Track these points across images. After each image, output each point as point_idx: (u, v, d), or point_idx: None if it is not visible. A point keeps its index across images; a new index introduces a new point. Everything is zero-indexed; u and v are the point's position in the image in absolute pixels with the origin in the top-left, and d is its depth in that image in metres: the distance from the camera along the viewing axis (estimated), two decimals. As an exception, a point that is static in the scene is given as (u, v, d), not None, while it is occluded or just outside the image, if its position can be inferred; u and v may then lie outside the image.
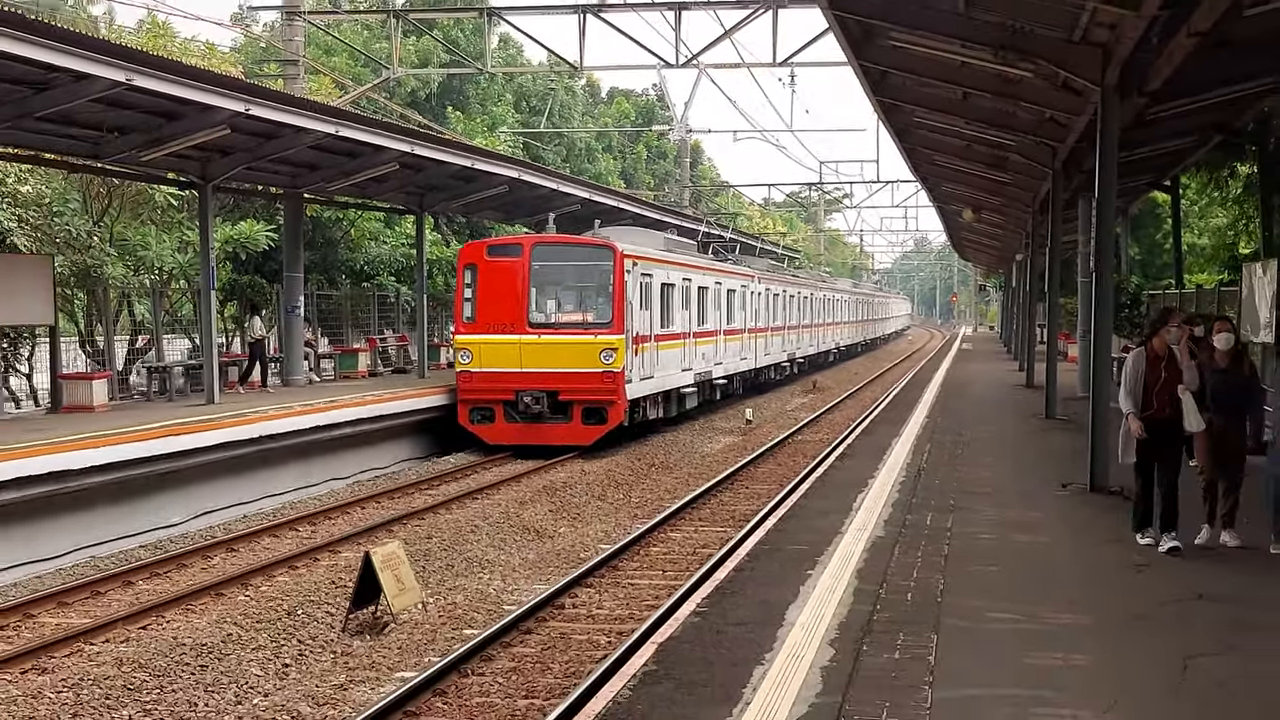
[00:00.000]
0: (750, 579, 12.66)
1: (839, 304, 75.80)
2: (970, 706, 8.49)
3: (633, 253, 30.02)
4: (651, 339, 31.51)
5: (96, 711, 11.42)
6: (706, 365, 38.44)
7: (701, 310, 37.96)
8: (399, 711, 11.30)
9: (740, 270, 45.60)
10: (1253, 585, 12.14)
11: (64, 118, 20.09)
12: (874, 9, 18.55)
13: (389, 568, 14.72)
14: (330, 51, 55.16)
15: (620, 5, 29.84)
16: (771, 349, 50.74)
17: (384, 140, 26.72)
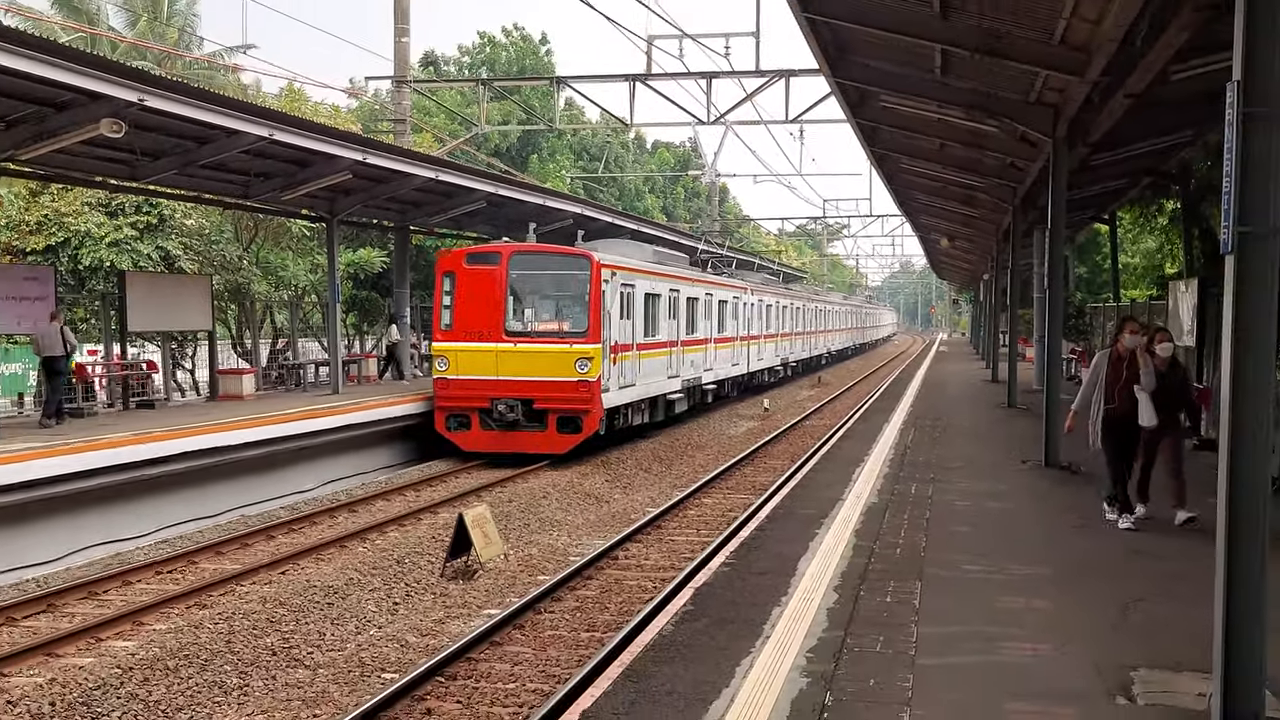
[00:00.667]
0: (769, 537, 12.60)
1: (830, 313, 71.06)
2: (949, 641, 8.41)
3: (612, 263, 25.37)
4: (633, 348, 26.66)
5: (246, 638, 11.48)
6: (696, 371, 33.33)
7: (691, 319, 32.74)
8: (486, 642, 11.32)
9: (732, 283, 39.88)
10: (1180, 545, 11.99)
11: (220, 165, 20.21)
12: (868, 77, 18.50)
13: (478, 526, 14.76)
14: (430, 112, 55.35)
15: (662, 75, 29.77)
16: (764, 354, 45.41)
17: (473, 183, 26.79)
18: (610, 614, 12.50)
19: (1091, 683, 7.49)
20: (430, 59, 69.65)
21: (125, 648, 11.08)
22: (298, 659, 11.03)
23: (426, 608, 13.02)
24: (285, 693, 10.05)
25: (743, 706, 7.00)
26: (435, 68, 68.85)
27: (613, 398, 24.87)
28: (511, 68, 69.68)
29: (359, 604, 12.99)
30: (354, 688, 10.14)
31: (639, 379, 26.95)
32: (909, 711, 6.90)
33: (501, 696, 9.81)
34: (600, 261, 24.30)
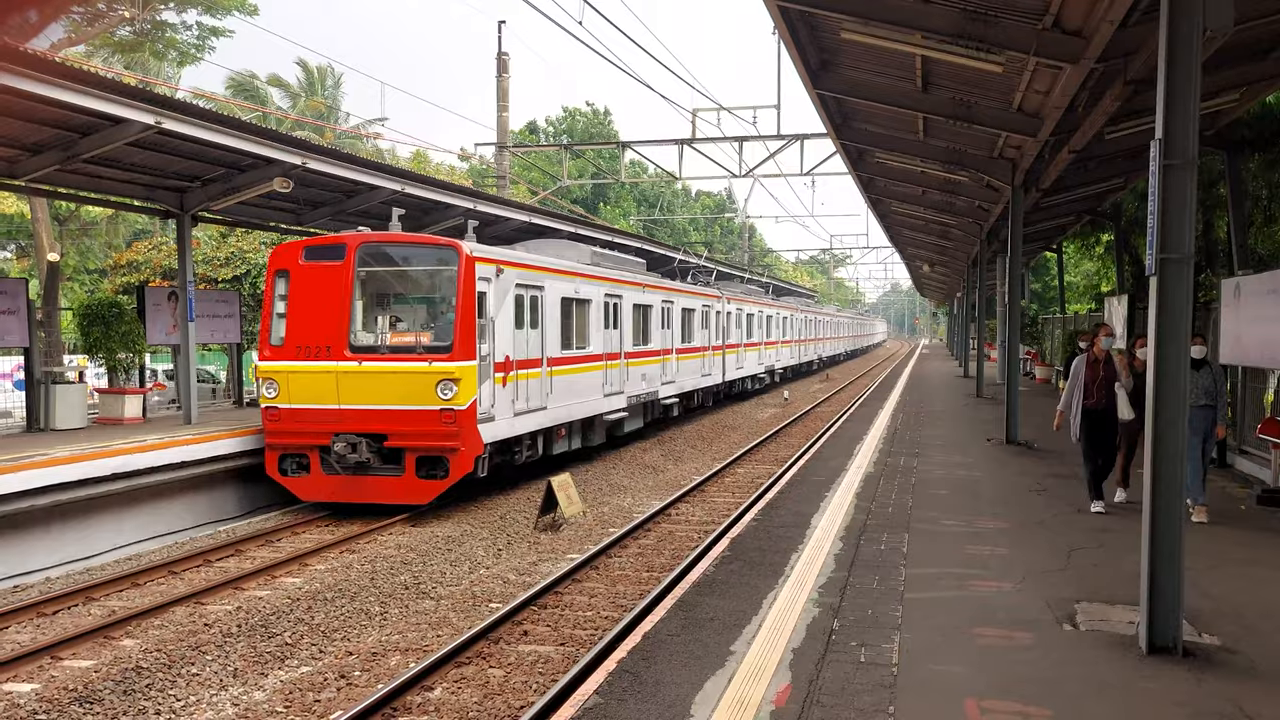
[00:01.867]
0: (788, 498, 12.58)
1: (823, 323, 61.48)
2: (931, 579, 8.37)
3: (497, 258, 15.91)
4: (542, 363, 17.58)
5: (385, 576, 11.62)
6: (650, 385, 24.16)
7: (642, 329, 23.82)
8: (569, 579, 11.36)
9: (702, 290, 30.23)
10: (1116, 507, 11.84)
11: (364, 212, 20.46)
12: (865, 138, 18.38)
13: (562, 490, 14.83)
14: (526, 169, 55.71)
15: (704, 139, 29.75)
16: (745, 363, 36.47)
17: (561, 225, 26.84)
18: (665, 558, 12.53)
19: (1043, 613, 7.43)
20: (533, 127, 70.37)
21: (294, 583, 11.26)
22: (425, 592, 11.15)
23: (523, 553, 13.11)
24: (415, 619, 10.17)
25: (769, 629, 7.02)
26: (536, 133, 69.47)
27: (501, 428, 15.80)
28: (586, 134, 70.01)
29: (471, 550, 13.10)
30: (468, 615, 10.23)
31: (552, 401, 18.06)
32: (899, 634, 6.88)
33: (581, 621, 9.87)
34: (474, 255, 15.13)
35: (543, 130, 72.82)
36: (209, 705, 7.83)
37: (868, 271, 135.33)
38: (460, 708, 7.59)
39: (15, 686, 8.07)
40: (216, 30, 35.23)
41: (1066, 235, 33.61)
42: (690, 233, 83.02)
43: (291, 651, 9.11)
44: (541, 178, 54.59)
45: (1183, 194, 6.44)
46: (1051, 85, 12.20)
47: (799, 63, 13.60)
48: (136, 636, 9.33)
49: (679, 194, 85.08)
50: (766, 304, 41.24)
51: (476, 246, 15.57)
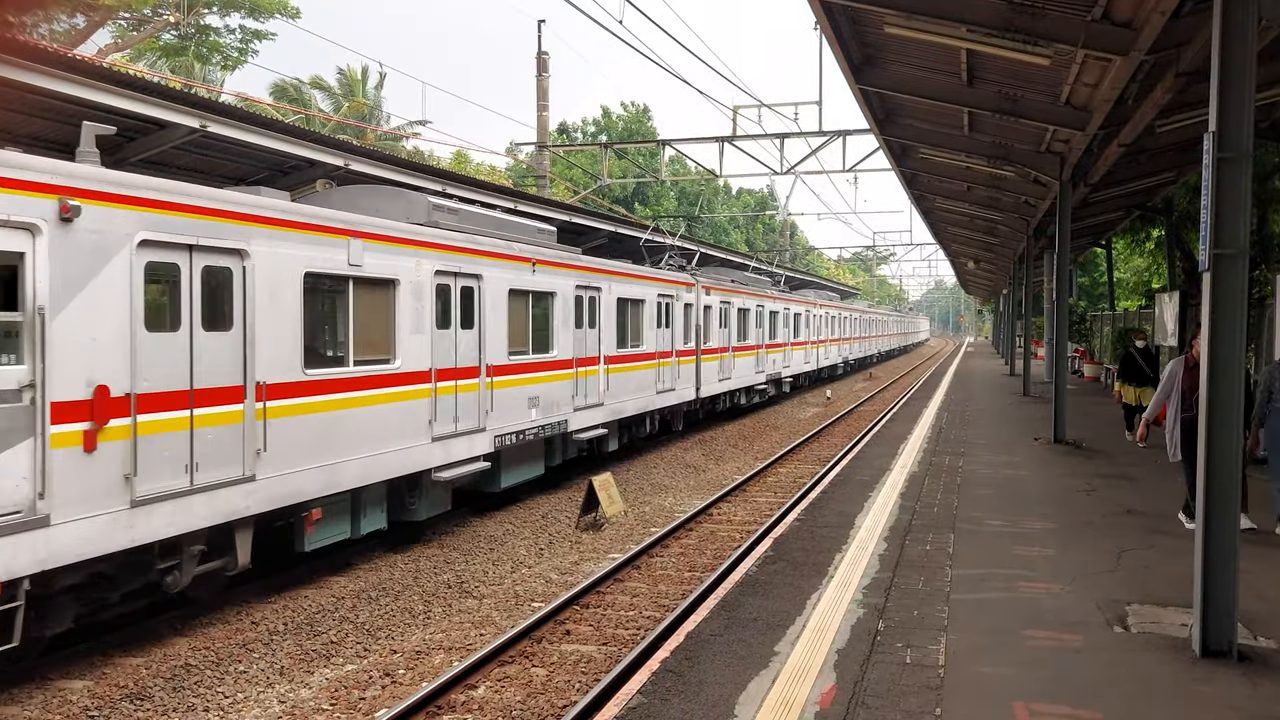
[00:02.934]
0: (831, 498, 12.52)
1: (849, 321, 50.89)
2: (978, 580, 8.30)
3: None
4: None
5: (429, 574, 11.71)
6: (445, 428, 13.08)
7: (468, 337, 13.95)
8: (611, 579, 11.40)
9: (658, 275, 21.71)
10: (1163, 507, 11.66)
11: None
12: (909, 134, 18.23)
13: (604, 489, 14.87)
14: (566, 168, 55.86)
15: (745, 136, 29.65)
16: (739, 371, 27.74)
17: (598, 224, 26.86)
18: (707, 558, 12.52)
19: (1093, 615, 7.34)
20: (563, 128, 70.47)
21: (340, 583, 11.39)
22: (467, 591, 11.23)
23: (565, 552, 13.16)
24: (458, 617, 10.25)
25: (813, 630, 7.00)
26: (567, 135, 69.54)
27: None
28: (625, 132, 70.04)
29: (514, 549, 13.17)
30: (510, 614, 10.29)
31: None
32: (945, 635, 6.84)
33: (624, 621, 9.89)
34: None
35: (578, 129, 72.93)
36: (256, 702, 7.94)
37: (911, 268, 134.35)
38: (504, 706, 7.65)
39: (68, 683, 8.24)
40: (259, 33, 35.71)
41: (1116, 231, 33.17)
42: (730, 231, 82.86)
43: (337, 649, 9.21)
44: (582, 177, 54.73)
45: (1237, 188, 6.35)
46: (1100, 78, 12.04)
47: (841, 58, 13.52)
48: (185, 634, 9.49)
49: (719, 192, 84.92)
50: (769, 297, 32.49)
51: None
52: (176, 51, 35.47)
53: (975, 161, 19.23)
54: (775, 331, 32.91)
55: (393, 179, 17.28)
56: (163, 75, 31.66)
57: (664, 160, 34.71)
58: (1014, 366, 39.78)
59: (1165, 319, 23.46)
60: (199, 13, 33.85)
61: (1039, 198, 21.79)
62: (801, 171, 30.31)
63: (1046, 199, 21.00)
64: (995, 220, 29.25)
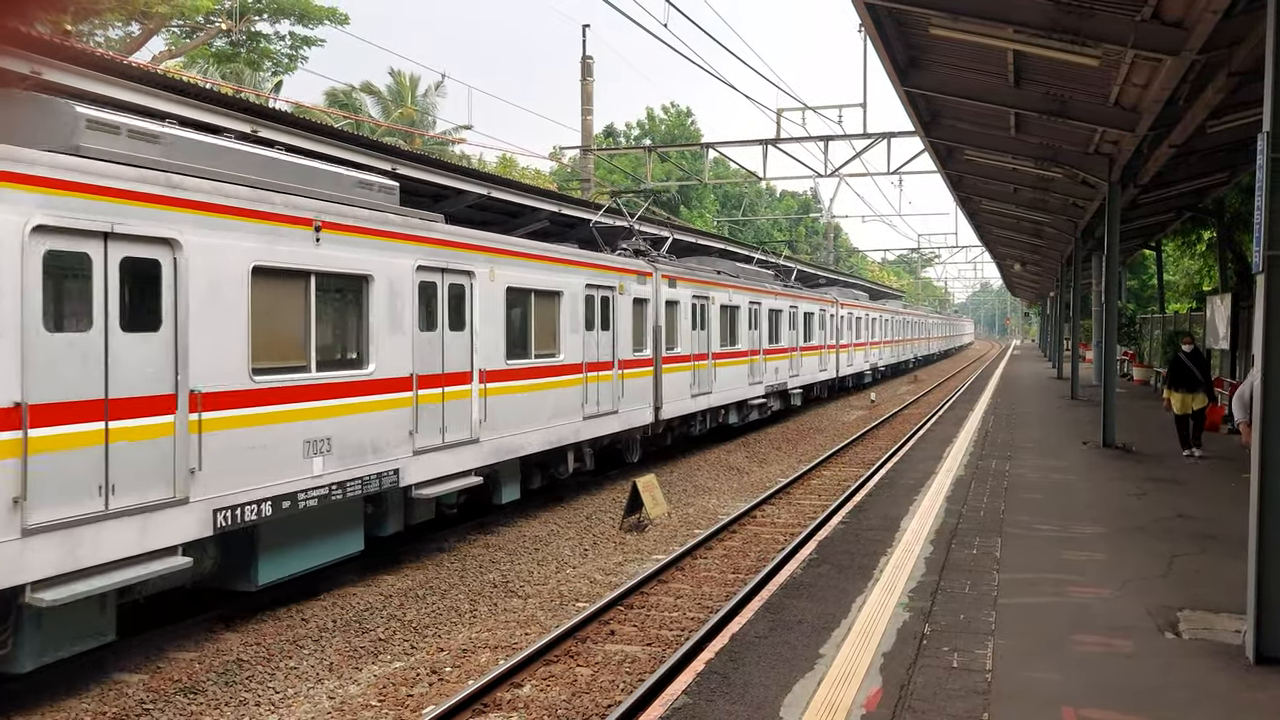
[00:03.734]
0: (877, 501, 12.45)
1: (879, 323, 44.70)
2: (1025, 584, 8.22)
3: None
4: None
5: (475, 573, 11.79)
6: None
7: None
8: (655, 580, 11.40)
9: (583, 259, 16.32)
10: (1213, 511, 11.47)
11: (452, 217, 20.72)
12: (954, 136, 18.10)
13: (647, 490, 14.89)
14: (610, 172, 56.04)
15: (788, 139, 29.56)
16: (723, 383, 22.58)
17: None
18: (751, 560, 12.49)
19: (1143, 620, 7.24)
20: (609, 131, 70.68)
21: (388, 581, 11.50)
22: (513, 590, 11.29)
23: (609, 553, 13.19)
24: (504, 616, 10.31)
25: (858, 634, 6.97)
26: (612, 138, 69.75)
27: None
28: (669, 135, 70.10)
29: (558, 549, 13.22)
30: (555, 613, 10.34)
31: None
32: (993, 640, 6.78)
33: (668, 622, 9.90)
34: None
35: (622, 133, 73.07)
36: (306, 698, 8.05)
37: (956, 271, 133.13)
38: (549, 705, 7.69)
39: (124, 677, 8.41)
40: (309, 39, 36.18)
41: (1166, 232, 32.69)
42: (773, 234, 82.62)
43: (384, 647, 9.31)
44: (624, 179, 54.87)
45: (1292, 188, 6.25)
46: (1150, 78, 11.88)
47: (886, 60, 13.46)
48: (238, 630, 9.64)
49: (762, 195, 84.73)
50: (770, 292, 27.18)
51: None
52: (228, 58, 36.03)
53: (1022, 163, 19.05)
54: (779, 334, 27.75)
55: (441, 182, 17.28)
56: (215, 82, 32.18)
57: (707, 163, 34.72)
58: (1061, 370, 39.33)
59: (1216, 322, 23.09)
60: (250, 19, 34.37)
61: (1087, 199, 21.53)
62: (846, 174, 30.16)
63: (1095, 201, 20.75)
64: (1042, 222, 28.94)
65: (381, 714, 7.65)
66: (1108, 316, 18.22)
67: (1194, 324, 27.00)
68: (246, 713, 7.77)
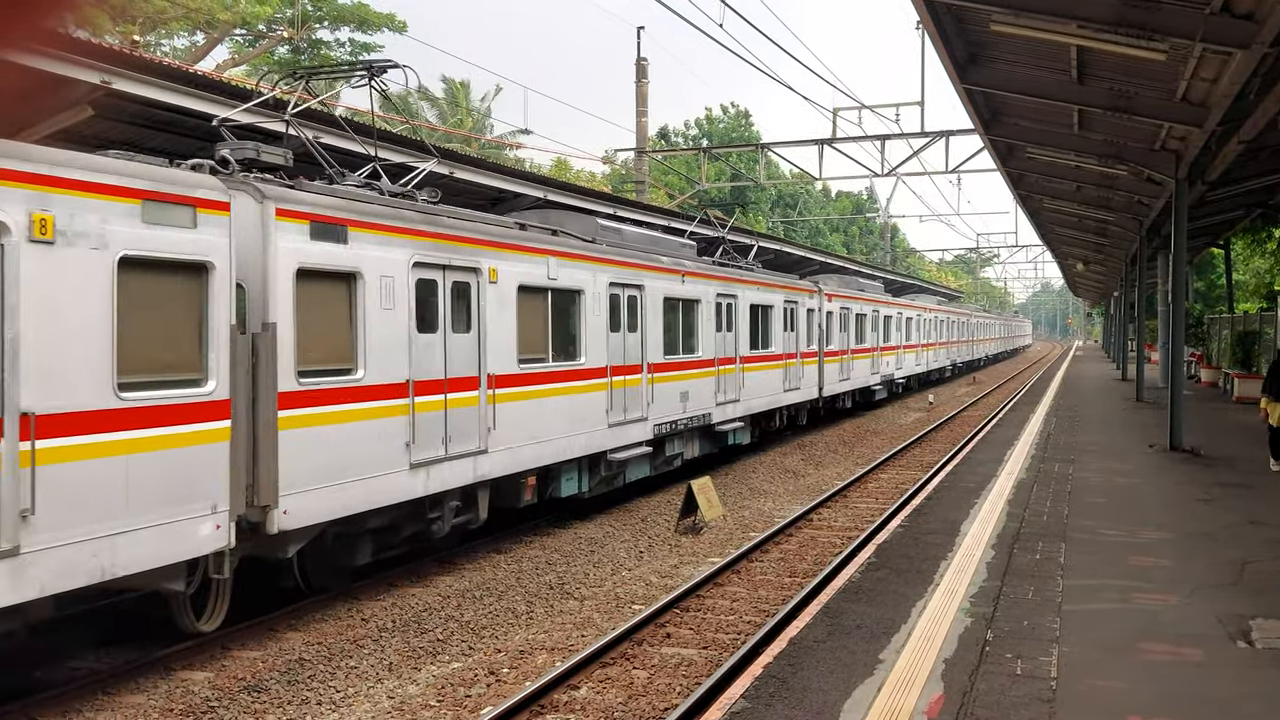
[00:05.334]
0: (936, 505, 12.30)
1: (913, 323, 38.33)
2: (1090, 590, 8.06)
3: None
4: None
5: (531, 575, 11.85)
6: None
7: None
8: (710, 583, 11.36)
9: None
10: (1290, 515, 11.16)
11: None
12: (1015, 134, 17.84)
13: (703, 493, 14.85)
14: (664, 173, 56.02)
15: (845, 139, 29.36)
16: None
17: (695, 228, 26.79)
18: (807, 564, 12.40)
19: (1213, 628, 7.06)
20: (663, 133, 70.64)
21: (446, 581, 11.60)
22: (569, 592, 11.32)
23: (664, 555, 13.18)
24: (560, 618, 10.34)
25: (919, 639, 6.88)
26: (666, 139, 69.70)
27: None
28: (725, 136, 69.94)
29: (613, 552, 13.24)
30: (611, 615, 10.35)
31: None
32: (1058, 647, 6.65)
33: (724, 625, 9.86)
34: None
35: (678, 134, 72.99)
36: (366, 697, 8.14)
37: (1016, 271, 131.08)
38: (605, 707, 7.69)
39: (190, 674, 8.57)
40: (368, 46, 36.65)
41: (1235, 230, 31.92)
42: (828, 233, 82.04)
43: (443, 647, 9.39)
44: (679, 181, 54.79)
45: (1371, 184, 6.04)
46: (1219, 73, 11.60)
47: (945, 57, 13.30)
48: (300, 629, 9.78)
49: (817, 195, 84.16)
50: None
51: None
52: (289, 66, 36.64)
53: (1085, 160, 18.71)
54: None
55: (498, 185, 17.39)
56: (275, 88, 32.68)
57: (763, 164, 34.58)
58: (1126, 371, 38.58)
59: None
60: (310, 27, 34.93)
61: (1152, 197, 21.09)
62: (903, 173, 29.87)
63: (1161, 198, 20.32)
64: (1106, 220, 28.41)
65: (440, 714, 7.70)
66: (1174, 316, 17.82)
67: (1264, 324, 26.34)
68: (308, 711, 7.87)
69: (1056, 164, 20.18)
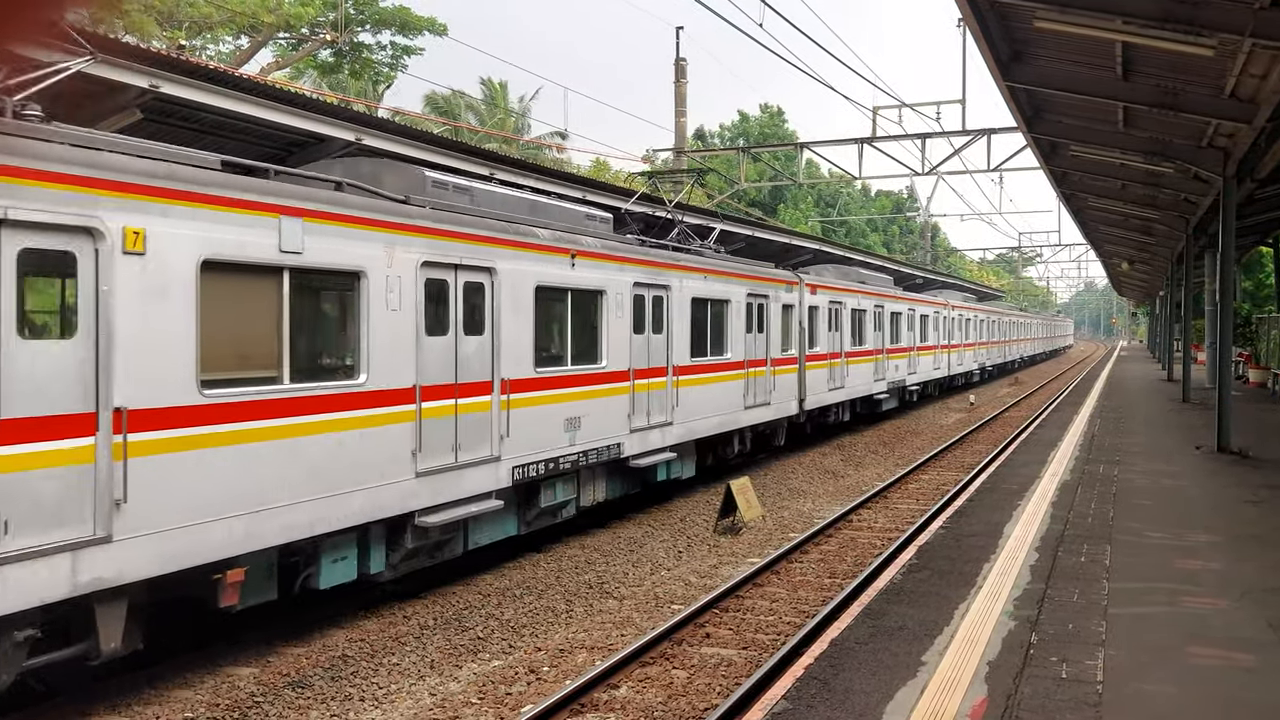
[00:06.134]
0: (978, 506, 12.17)
1: (919, 320, 32.73)
2: (1137, 593, 7.93)
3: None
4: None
5: (571, 574, 11.88)
6: None
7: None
8: (750, 583, 11.33)
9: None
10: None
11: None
12: (1058, 131, 17.62)
13: (741, 493, 14.81)
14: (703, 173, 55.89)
15: (885, 138, 29.13)
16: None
17: (732, 228, 26.70)
18: (847, 565, 12.33)
19: (1265, 633, 6.93)
20: (699, 134, 70.51)
21: (487, 580, 11.66)
22: (608, 591, 11.34)
23: (703, 555, 13.16)
24: (600, 617, 10.36)
25: (962, 641, 6.81)
26: (703, 140, 69.57)
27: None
28: (761, 136, 69.67)
29: (653, 552, 13.24)
30: (650, 615, 10.34)
31: None
32: (1103, 650, 6.56)
33: (764, 625, 9.83)
34: None
35: (715, 135, 72.80)
36: (408, 694, 8.20)
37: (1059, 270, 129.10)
38: (645, 707, 7.69)
39: (236, 670, 8.68)
40: (409, 49, 36.89)
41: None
42: (868, 233, 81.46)
43: (483, 645, 9.43)
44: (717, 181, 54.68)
45: None
46: (1269, 68, 11.39)
47: (988, 55, 13.16)
48: (343, 626, 9.87)
49: (856, 195, 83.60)
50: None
51: None
52: (332, 69, 36.97)
53: (1130, 158, 18.45)
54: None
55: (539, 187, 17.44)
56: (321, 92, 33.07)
57: (801, 163, 34.43)
58: (1172, 372, 37.98)
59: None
60: (353, 30, 35.22)
61: (1200, 194, 20.75)
62: (944, 172, 29.60)
63: (1208, 196, 19.99)
64: (1151, 219, 27.98)
65: (481, 711, 7.74)
66: (1222, 316, 17.50)
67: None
68: (351, 707, 7.94)
69: (1101, 162, 19.90)
